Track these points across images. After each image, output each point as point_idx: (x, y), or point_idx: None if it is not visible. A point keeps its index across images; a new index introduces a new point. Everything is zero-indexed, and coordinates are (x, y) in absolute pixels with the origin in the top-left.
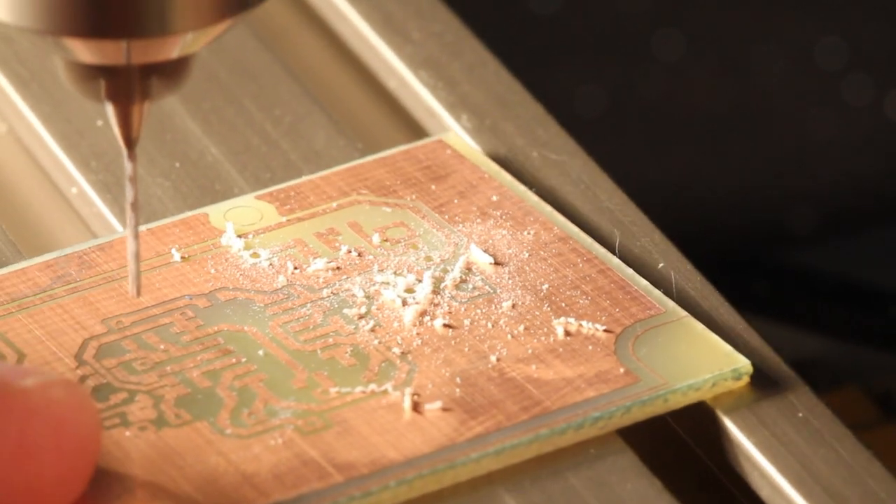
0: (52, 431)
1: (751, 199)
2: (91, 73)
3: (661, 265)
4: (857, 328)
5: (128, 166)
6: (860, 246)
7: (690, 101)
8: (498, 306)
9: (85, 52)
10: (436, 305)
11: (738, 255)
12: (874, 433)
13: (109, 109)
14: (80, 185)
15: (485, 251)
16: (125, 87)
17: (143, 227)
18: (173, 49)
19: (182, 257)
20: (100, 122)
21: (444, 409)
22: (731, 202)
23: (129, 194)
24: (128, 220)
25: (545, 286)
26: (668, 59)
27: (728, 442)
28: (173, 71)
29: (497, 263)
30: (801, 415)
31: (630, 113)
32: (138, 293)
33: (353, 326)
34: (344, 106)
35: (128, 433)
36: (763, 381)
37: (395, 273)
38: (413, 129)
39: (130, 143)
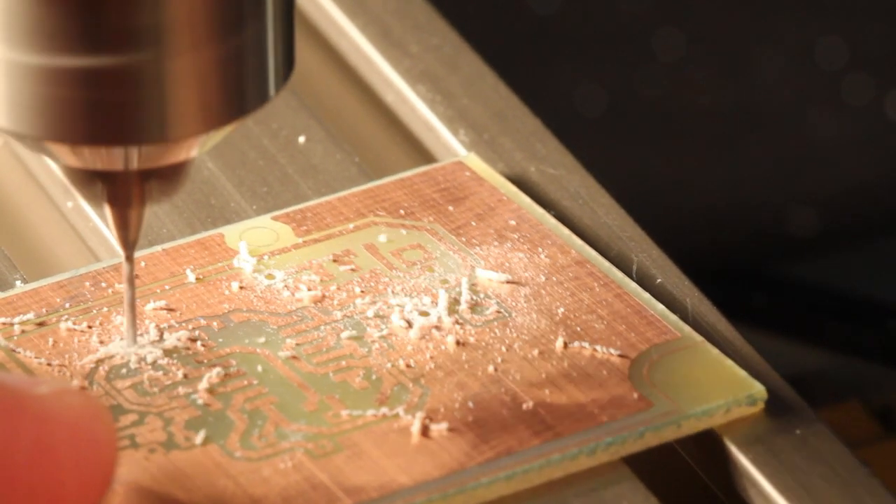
0: (68, 436)
1: (749, 201)
2: (90, 178)
3: (658, 279)
4: (857, 342)
5: (125, 267)
6: (859, 259)
7: (690, 101)
8: (513, 330)
9: (83, 157)
10: (450, 328)
11: (736, 265)
12: (874, 449)
13: (108, 212)
14: (76, 199)
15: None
16: (124, 191)
17: (157, 248)
18: (174, 155)
19: (197, 278)
20: None
21: (456, 434)
22: (729, 204)
23: (126, 296)
24: (125, 321)
25: (561, 310)
26: (668, 59)
27: (727, 460)
28: (173, 174)
29: (513, 285)
30: (798, 432)
31: (630, 113)
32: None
33: (367, 349)
34: (342, 120)
35: (137, 455)
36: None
37: (409, 296)
38: (411, 143)
39: (128, 245)
